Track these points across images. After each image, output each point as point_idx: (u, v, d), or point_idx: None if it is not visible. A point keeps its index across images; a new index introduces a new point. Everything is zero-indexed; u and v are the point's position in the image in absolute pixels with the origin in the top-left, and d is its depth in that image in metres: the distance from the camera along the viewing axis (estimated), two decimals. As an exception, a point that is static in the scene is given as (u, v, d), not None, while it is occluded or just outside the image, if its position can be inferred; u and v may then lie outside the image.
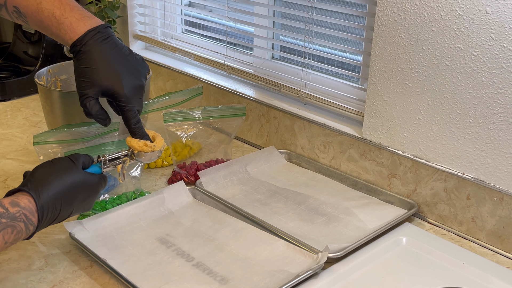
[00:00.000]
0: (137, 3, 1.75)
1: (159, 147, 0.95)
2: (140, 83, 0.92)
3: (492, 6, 0.92)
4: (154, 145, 0.94)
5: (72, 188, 0.82)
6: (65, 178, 0.82)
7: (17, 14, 0.92)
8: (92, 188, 0.86)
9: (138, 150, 0.93)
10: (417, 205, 1.11)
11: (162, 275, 0.90)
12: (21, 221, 0.75)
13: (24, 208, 0.76)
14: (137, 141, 0.94)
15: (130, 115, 0.91)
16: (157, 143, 0.95)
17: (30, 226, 0.77)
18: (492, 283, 0.91)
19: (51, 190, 0.79)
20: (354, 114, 1.24)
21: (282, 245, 0.97)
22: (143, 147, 0.94)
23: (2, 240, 0.73)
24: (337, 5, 1.27)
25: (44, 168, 0.82)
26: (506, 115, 0.96)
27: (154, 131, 0.98)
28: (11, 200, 0.76)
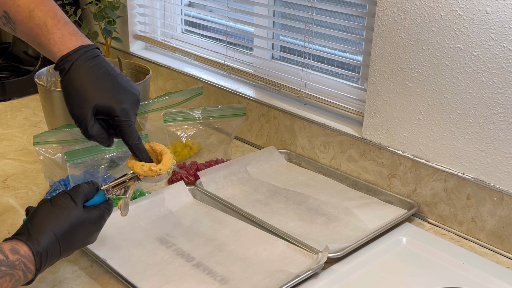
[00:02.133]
0: (137, 3, 1.75)
1: (166, 169, 0.84)
2: (136, 97, 0.86)
3: (492, 6, 0.92)
4: (160, 169, 0.84)
5: (71, 231, 0.78)
6: (64, 221, 0.78)
7: (6, 19, 0.87)
8: (94, 224, 0.82)
9: (142, 175, 0.84)
10: (417, 205, 1.11)
11: (162, 275, 0.90)
12: (20, 269, 0.73)
13: (24, 256, 0.74)
14: (140, 166, 0.84)
15: (130, 131, 0.83)
16: (163, 164, 0.85)
17: (29, 274, 0.75)
18: (492, 283, 0.91)
19: (48, 238, 0.76)
20: (354, 114, 1.24)
21: (282, 245, 0.97)
22: (148, 172, 0.84)
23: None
24: (337, 5, 1.27)
25: (43, 212, 0.78)
26: (506, 115, 0.96)
27: (162, 145, 0.88)
28: (12, 247, 0.74)
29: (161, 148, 0.87)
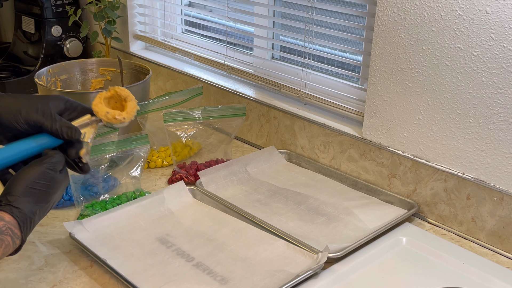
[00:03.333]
0: (137, 3, 1.75)
1: (130, 117, 0.85)
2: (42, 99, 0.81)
3: (492, 6, 0.92)
4: (124, 118, 0.85)
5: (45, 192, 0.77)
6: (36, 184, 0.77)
7: None
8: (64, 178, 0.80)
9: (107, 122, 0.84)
10: (417, 205, 1.11)
11: (162, 275, 0.90)
12: (7, 235, 0.73)
13: (9, 222, 0.74)
14: (105, 113, 0.83)
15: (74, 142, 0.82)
16: (128, 113, 0.85)
17: (17, 240, 0.75)
18: (492, 283, 0.91)
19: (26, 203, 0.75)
20: (354, 114, 1.24)
21: (282, 245, 0.97)
22: (112, 119, 0.84)
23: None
24: (337, 5, 1.27)
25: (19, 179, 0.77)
26: (506, 115, 0.96)
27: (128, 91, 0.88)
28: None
29: (127, 94, 0.87)
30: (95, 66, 1.48)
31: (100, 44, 1.80)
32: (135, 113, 0.87)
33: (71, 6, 1.72)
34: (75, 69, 1.46)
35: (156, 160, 1.29)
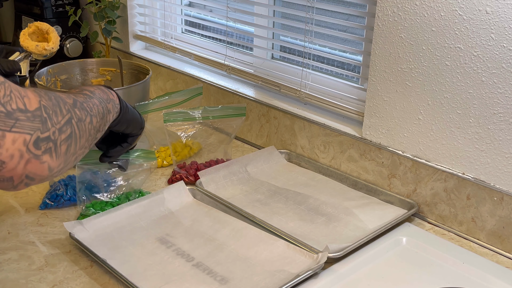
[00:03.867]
0: (137, 3, 1.75)
1: (56, 46, 0.99)
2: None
3: (492, 6, 0.92)
4: (52, 48, 0.98)
5: None
6: None
7: None
8: None
9: (37, 54, 0.96)
10: (417, 205, 1.11)
11: (162, 275, 0.90)
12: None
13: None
14: (35, 45, 0.97)
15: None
16: (54, 43, 0.99)
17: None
18: (492, 283, 0.91)
19: None
20: (354, 114, 1.24)
21: (282, 245, 0.97)
22: (42, 51, 0.97)
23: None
24: (337, 5, 1.27)
25: None
26: (506, 115, 0.96)
27: (48, 24, 1.02)
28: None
29: (47, 27, 1.00)
30: (95, 66, 1.48)
31: (100, 44, 1.80)
32: (58, 40, 1.01)
33: (71, 6, 1.72)
34: (75, 69, 1.46)
35: (156, 160, 1.29)
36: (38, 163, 0.64)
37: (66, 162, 0.70)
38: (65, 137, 0.69)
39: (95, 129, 0.79)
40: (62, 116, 0.69)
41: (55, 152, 0.67)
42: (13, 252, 0.97)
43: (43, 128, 0.65)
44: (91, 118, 0.77)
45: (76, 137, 0.71)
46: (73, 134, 0.71)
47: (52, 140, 0.66)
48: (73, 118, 0.71)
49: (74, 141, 0.71)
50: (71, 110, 0.72)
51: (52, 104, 0.68)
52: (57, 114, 0.68)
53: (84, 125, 0.74)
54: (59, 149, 0.67)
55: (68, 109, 0.71)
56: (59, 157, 0.68)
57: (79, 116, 0.73)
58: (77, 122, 0.72)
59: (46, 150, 0.65)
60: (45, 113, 0.66)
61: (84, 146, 0.75)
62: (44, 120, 0.65)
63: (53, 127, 0.67)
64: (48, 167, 0.66)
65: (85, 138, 0.74)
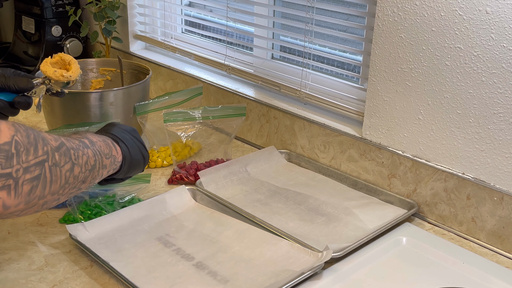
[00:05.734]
0: (137, 3, 1.75)
1: (75, 76, 0.98)
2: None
3: (492, 6, 0.92)
4: (70, 76, 0.97)
5: None
6: None
7: None
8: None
9: (55, 80, 0.96)
10: (417, 205, 1.11)
11: (167, 277, 0.90)
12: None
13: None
14: (53, 71, 0.96)
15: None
16: (73, 72, 0.98)
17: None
18: (492, 283, 0.91)
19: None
20: (354, 114, 1.24)
21: (286, 245, 0.97)
22: (59, 77, 0.96)
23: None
24: (337, 5, 1.27)
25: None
26: (506, 115, 0.96)
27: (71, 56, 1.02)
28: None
29: (70, 58, 1.01)
30: (95, 66, 1.48)
31: (100, 44, 1.80)
32: (79, 72, 1.00)
33: (71, 6, 1.72)
34: (75, 69, 1.46)
35: (156, 160, 1.29)
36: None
37: (28, 203, 0.68)
38: (31, 177, 0.66)
39: (76, 179, 0.76)
40: (35, 155, 0.67)
41: (14, 190, 0.65)
42: (13, 252, 0.97)
43: (5, 164, 0.63)
44: (72, 166, 0.74)
45: (45, 180, 0.69)
46: (42, 177, 0.68)
47: (13, 178, 0.64)
48: (47, 161, 0.69)
49: (42, 184, 0.68)
50: (49, 153, 0.69)
51: (28, 142, 0.66)
52: (29, 153, 0.66)
53: (59, 171, 0.71)
54: (19, 188, 0.65)
55: (46, 150, 0.69)
56: (18, 196, 0.65)
57: (56, 161, 0.71)
58: (51, 166, 0.69)
59: (3, 187, 0.63)
60: (14, 149, 0.64)
61: (58, 193, 0.73)
62: (10, 156, 0.63)
63: (18, 165, 0.64)
64: (2, 204, 0.64)
65: (59, 185, 0.72)
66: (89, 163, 0.79)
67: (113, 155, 0.87)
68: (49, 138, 0.71)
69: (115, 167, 0.89)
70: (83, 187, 0.80)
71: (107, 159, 0.85)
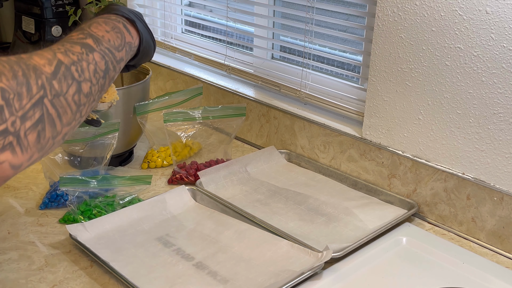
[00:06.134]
0: (137, 3, 1.75)
1: (110, 99, 0.93)
2: None
3: (492, 6, 0.92)
4: (104, 97, 0.92)
5: None
6: None
7: None
8: None
9: None
10: (417, 205, 1.11)
11: (167, 277, 0.90)
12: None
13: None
14: None
15: None
16: (108, 94, 0.93)
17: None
18: (492, 283, 0.91)
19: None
20: (354, 114, 1.24)
21: (286, 245, 0.97)
22: None
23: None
24: (337, 5, 1.27)
25: None
26: (506, 115, 0.96)
27: None
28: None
29: None
30: (95, 66, 1.47)
31: (100, 44, 1.80)
32: (115, 97, 0.94)
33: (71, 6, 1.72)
34: (75, 69, 1.46)
35: (156, 160, 1.29)
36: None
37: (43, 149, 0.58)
38: (32, 124, 0.56)
39: (90, 95, 0.65)
40: (29, 97, 0.56)
41: (19, 146, 0.55)
42: (13, 252, 0.97)
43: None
44: (78, 87, 0.63)
45: (51, 118, 0.59)
46: (46, 117, 0.58)
47: (11, 133, 0.54)
48: (45, 96, 0.58)
49: (49, 124, 0.58)
50: (46, 85, 0.58)
51: (17, 84, 0.55)
52: (22, 97, 0.55)
53: (65, 99, 0.61)
54: (24, 140, 0.55)
55: (42, 83, 0.58)
56: (26, 149, 0.56)
57: (56, 91, 0.59)
58: (52, 99, 0.59)
59: (4, 147, 0.53)
60: (1, 100, 0.53)
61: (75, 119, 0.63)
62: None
63: (12, 116, 0.53)
64: (9, 165, 0.55)
65: (70, 113, 0.61)
66: (99, 69, 0.68)
67: (127, 42, 0.75)
68: (42, 64, 0.59)
69: (132, 53, 0.79)
70: (104, 92, 0.71)
71: (120, 51, 0.73)
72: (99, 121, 0.96)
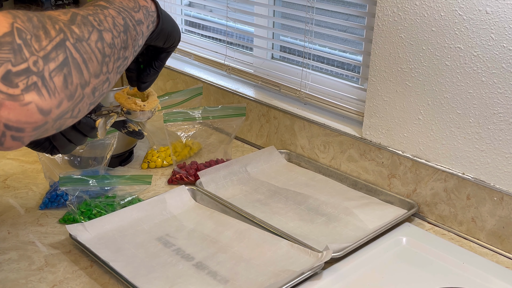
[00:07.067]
0: (137, 3, 1.75)
1: (150, 107, 0.87)
2: None
3: (492, 6, 0.92)
4: (144, 105, 0.86)
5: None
6: None
7: None
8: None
9: (127, 108, 0.85)
10: (417, 205, 1.11)
11: (167, 277, 0.90)
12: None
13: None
14: (126, 98, 0.85)
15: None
16: (148, 103, 0.86)
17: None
18: (492, 283, 0.91)
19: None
20: (354, 114, 1.24)
21: (286, 246, 0.97)
22: (131, 105, 0.85)
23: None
24: (337, 5, 1.27)
25: None
26: (506, 115, 0.96)
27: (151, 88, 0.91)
28: None
29: (149, 91, 0.90)
30: (95, 66, 1.48)
31: (100, 44, 1.80)
32: (156, 106, 0.88)
33: (71, 6, 1.72)
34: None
35: (156, 160, 1.29)
36: (18, 106, 0.50)
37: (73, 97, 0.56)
38: (56, 66, 0.54)
39: (114, 46, 0.62)
40: (48, 39, 0.53)
41: (45, 88, 0.52)
42: (13, 252, 0.97)
43: (16, 59, 0.50)
44: (100, 35, 0.60)
45: (77, 63, 0.56)
46: (71, 60, 0.55)
47: (35, 73, 0.51)
48: (67, 39, 0.55)
49: (76, 69, 0.56)
50: (65, 29, 0.56)
51: (33, 26, 0.53)
52: (40, 38, 0.53)
53: (87, 45, 0.58)
54: (50, 83, 0.53)
55: (60, 28, 0.55)
56: (54, 93, 0.53)
57: (78, 35, 0.57)
58: (74, 43, 0.56)
59: (29, 87, 0.51)
60: (19, 39, 0.51)
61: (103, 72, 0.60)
62: (17, 48, 0.50)
63: (33, 56, 0.51)
64: (37, 109, 0.52)
65: (96, 62, 0.59)
66: (118, 23, 0.64)
67: (142, 5, 0.71)
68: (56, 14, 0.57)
69: (153, 19, 0.74)
70: (129, 54, 0.67)
71: (137, 12, 0.69)
72: (141, 133, 0.92)
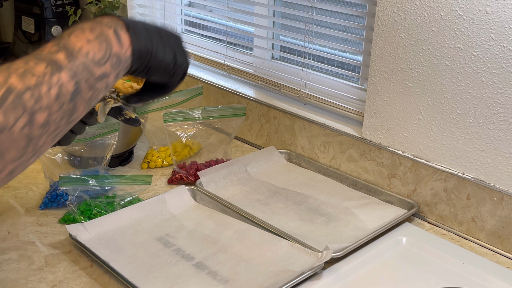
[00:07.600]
0: (137, 3, 1.75)
1: None
2: None
3: (492, 6, 0.92)
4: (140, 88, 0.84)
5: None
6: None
7: None
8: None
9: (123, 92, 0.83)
10: (417, 205, 1.11)
11: (166, 277, 0.90)
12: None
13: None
14: (122, 82, 0.83)
15: None
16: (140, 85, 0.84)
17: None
18: (492, 283, 0.91)
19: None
20: (354, 114, 1.24)
21: (286, 246, 0.97)
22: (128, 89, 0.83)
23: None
24: (337, 5, 1.27)
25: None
26: (506, 115, 0.96)
27: None
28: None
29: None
30: (95, 66, 1.48)
31: (100, 44, 1.80)
32: None
33: (71, 6, 1.72)
34: (75, 69, 1.46)
35: (156, 160, 1.29)
36: None
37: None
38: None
39: (46, 125, 0.55)
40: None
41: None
42: (13, 252, 0.97)
43: None
44: (30, 118, 0.53)
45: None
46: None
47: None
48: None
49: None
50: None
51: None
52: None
53: (10, 134, 0.52)
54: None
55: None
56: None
57: (0, 123, 0.51)
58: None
59: None
60: None
61: (24, 154, 0.55)
62: None
63: None
64: None
65: (16, 149, 0.53)
66: (65, 92, 0.56)
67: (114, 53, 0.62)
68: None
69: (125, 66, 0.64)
70: (78, 115, 0.59)
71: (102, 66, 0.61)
72: (138, 120, 0.88)
